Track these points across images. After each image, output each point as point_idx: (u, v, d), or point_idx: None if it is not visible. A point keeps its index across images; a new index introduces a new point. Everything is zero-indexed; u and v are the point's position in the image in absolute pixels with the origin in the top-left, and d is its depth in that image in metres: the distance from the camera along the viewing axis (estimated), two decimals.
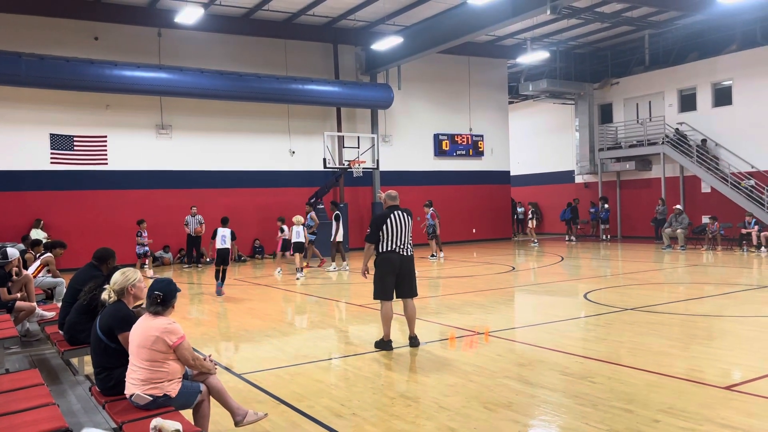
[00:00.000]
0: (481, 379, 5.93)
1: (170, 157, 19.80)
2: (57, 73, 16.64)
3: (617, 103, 26.00)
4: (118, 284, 4.53)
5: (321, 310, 10.89)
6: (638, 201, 24.78)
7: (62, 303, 6.82)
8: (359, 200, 22.98)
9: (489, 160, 25.76)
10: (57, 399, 4.95)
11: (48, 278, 9.92)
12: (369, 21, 21.24)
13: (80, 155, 18.55)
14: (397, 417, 4.98)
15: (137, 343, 4.13)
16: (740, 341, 7.35)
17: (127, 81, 17.64)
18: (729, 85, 22.17)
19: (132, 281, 4.54)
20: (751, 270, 14.78)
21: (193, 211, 18.63)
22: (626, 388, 5.52)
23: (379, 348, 7.31)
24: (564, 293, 11.84)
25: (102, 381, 4.40)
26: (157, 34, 19.38)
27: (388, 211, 7.33)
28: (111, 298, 4.51)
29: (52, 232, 17.28)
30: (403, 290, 7.34)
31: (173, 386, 4.11)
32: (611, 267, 16.09)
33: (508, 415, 4.93)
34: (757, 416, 4.72)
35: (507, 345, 7.49)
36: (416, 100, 23.95)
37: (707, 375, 5.86)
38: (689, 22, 22.55)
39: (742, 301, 10.23)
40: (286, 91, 20.01)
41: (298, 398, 5.52)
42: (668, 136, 22.85)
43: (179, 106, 19.75)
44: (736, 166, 21.26)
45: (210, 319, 10.08)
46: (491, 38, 23.94)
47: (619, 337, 7.65)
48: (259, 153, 21.10)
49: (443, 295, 11.73)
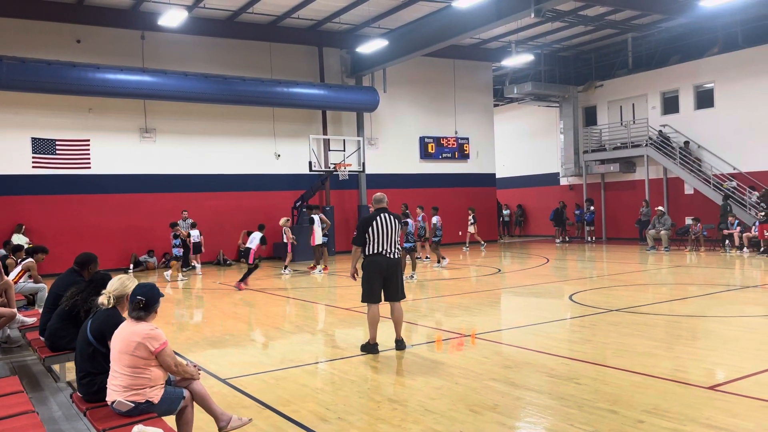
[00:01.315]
0: (467, 382, 5.92)
1: (154, 160, 19.65)
2: (39, 76, 16.45)
3: (601, 105, 26.20)
4: (117, 291, 4.46)
5: (307, 314, 10.85)
6: (623, 203, 24.97)
7: (43, 309, 6.72)
8: (345, 203, 22.94)
9: (474, 163, 25.84)
10: (37, 406, 4.88)
11: (29, 284, 9.78)
12: (354, 24, 21.24)
13: (62, 159, 18.36)
14: (383, 420, 4.96)
15: (119, 349, 4.07)
16: (724, 341, 7.41)
17: (110, 84, 17.49)
18: (711, 88, 22.42)
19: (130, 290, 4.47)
20: (734, 271, 14.94)
21: (184, 215, 18.61)
22: (611, 389, 5.54)
23: (366, 351, 7.28)
24: (550, 295, 11.88)
25: (85, 386, 4.33)
26: (141, 37, 19.23)
27: (374, 214, 7.31)
28: (110, 303, 4.44)
29: (34, 237, 17.07)
30: (389, 293, 7.32)
31: (156, 392, 4.05)
32: (596, 268, 16.19)
33: (493, 418, 4.93)
34: (740, 416, 4.75)
35: (493, 347, 7.49)
36: (402, 103, 23.97)
37: (691, 375, 5.90)
38: (672, 25, 22.80)
39: (725, 302, 10.32)
40: (271, 94, 19.93)
41: (283, 403, 5.48)
42: (651, 139, 23.06)
43: (163, 110, 19.61)
44: (719, 168, 21.50)
45: (195, 323, 10.00)
46: (476, 41, 24.04)
47: (604, 338, 7.69)
48: (245, 156, 21.00)
49: (430, 297, 11.73)
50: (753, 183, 20.51)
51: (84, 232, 18.26)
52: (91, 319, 4.47)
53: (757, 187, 20.23)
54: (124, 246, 18.96)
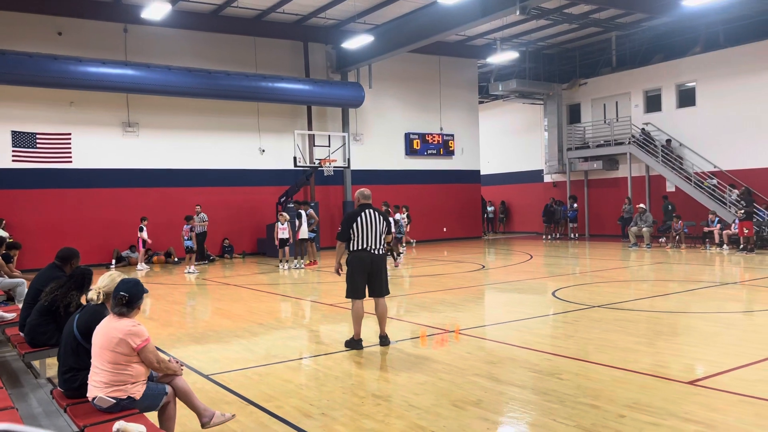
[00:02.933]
0: (450, 377, 5.95)
1: (137, 155, 19.47)
2: (19, 68, 16.21)
3: (585, 103, 26.37)
4: (107, 287, 4.40)
5: (291, 310, 10.82)
6: (605, 200, 25.18)
7: (23, 304, 6.63)
8: (330, 199, 22.90)
9: (459, 160, 25.91)
10: (17, 403, 4.82)
11: (6, 279, 9.65)
12: (339, 19, 21.17)
13: (43, 153, 18.12)
14: (366, 416, 4.96)
15: (100, 345, 4.03)
16: (703, 337, 7.51)
17: (92, 77, 17.28)
18: (693, 87, 22.66)
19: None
20: (714, 267, 15.13)
21: (197, 209, 18.71)
22: (593, 384, 5.59)
23: (350, 347, 7.28)
24: (533, 291, 11.95)
25: (67, 381, 4.28)
26: (123, 30, 19.02)
27: (359, 210, 7.30)
28: (99, 299, 4.39)
29: (14, 232, 16.84)
30: (374, 289, 7.32)
31: (137, 388, 4.02)
32: (579, 265, 16.31)
33: (477, 413, 4.95)
34: (719, 411, 4.82)
35: (477, 343, 7.53)
36: (387, 99, 23.95)
37: (671, 370, 5.97)
38: (655, 24, 23.00)
39: (705, 298, 10.46)
40: (256, 88, 19.82)
41: (266, 399, 5.46)
42: (634, 136, 23.26)
43: (146, 104, 19.42)
44: (700, 166, 21.75)
45: (178, 319, 9.93)
46: (461, 38, 24.08)
47: (587, 334, 7.75)
48: (229, 151, 20.88)
49: (414, 293, 11.75)
50: (733, 181, 20.77)
51: (65, 227, 18.06)
52: (78, 314, 4.42)
53: (737, 185, 20.50)
54: (106, 241, 18.77)
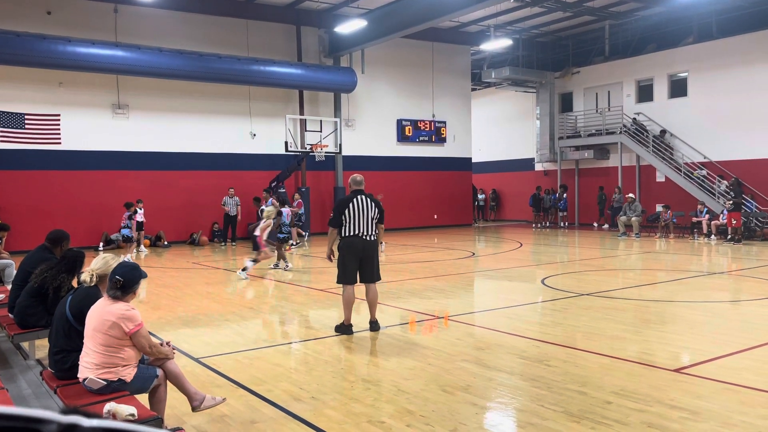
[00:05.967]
0: (440, 363, 5.99)
1: (127, 137, 19.31)
2: (7, 48, 15.98)
3: (577, 92, 26.39)
4: (100, 269, 4.39)
5: (282, 295, 10.84)
6: (596, 189, 25.29)
7: (12, 286, 6.61)
8: (321, 185, 22.85)
9: (451, 147, 25.89)
10: (6, 384, 4.82)
11: None
12: (332, 3, 21.00)
13: (32, 134, 17.93)
14: (356, 400, 5.00)
15: (93, 327, 4.02)
16: (690, 326, 7.60)
17: (82, 58, 17.07)
18: (684, 77, 22.72)
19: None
20: (701, 257, 15.28)
21: (230, 192, 19.23)
22: (580, 371, 5.65)
23: (340, 332, 7.31)
24: (522, 279, 12.03)
25: (58, 363, 4.28)
26: (114, 10, 18.79)
27: (351, 196, 7.30)
28: (92, 281, 4.38)
29: (3, 214, 16.71)
30: (365, 275, 7.34)
31: (128, 371, 4.02)
32: (568, 253, 16.41)
33: (465, 398, 5.00)
34: (704, 398, 4.89)
35: (466, 329, 7.58)
36: (380, 85, 23.85)
37: (658, 358, 6.04)
38: (649, 14, 23.00)
39: (692, 287, 10.57)
40: (248, 72, 19.67)
41: (257, 382, 5.48)
42: (626, 126, 23.33)
43: (137, 86, 19.23)
44: (690, 157, 21.87)
45: (168, 303, 9.92)
46: (455, 24, 23.98)
47: (575, 321, 7.82)
48: (219, 135, 20.75)
49: (404, 279, 11.79)
50: (722, 172, 20.92)
51: (54, 209, 17.92)
52: (71, 296, 4.41)
53: (726, 176, 20.65)
54: (95, 223, 18.66)
